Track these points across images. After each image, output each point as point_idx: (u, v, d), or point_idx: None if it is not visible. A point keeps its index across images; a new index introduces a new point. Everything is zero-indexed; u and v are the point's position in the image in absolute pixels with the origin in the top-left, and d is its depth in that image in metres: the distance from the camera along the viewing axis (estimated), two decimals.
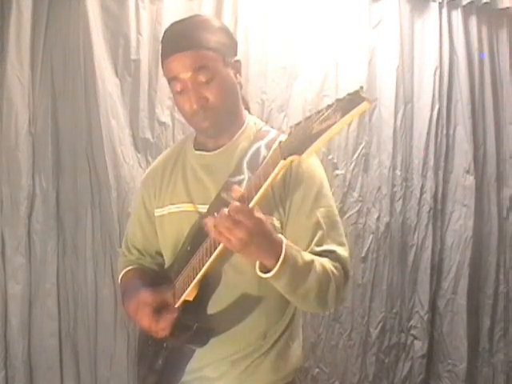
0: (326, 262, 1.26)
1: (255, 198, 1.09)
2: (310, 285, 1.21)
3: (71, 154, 2.26)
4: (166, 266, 1.46)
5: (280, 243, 1.15)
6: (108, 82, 2.25)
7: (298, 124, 1.04)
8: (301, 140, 1.00)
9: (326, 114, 0.96)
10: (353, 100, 0.93)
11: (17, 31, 2.13)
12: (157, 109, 2.32)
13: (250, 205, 1.09)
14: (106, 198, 2.26)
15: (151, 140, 2.33)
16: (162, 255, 1.49)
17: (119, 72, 2.29)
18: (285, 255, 1.14)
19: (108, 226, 2.26)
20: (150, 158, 2.30)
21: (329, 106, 0.97)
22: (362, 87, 0.94)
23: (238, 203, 1.09)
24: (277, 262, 1.14)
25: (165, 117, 2.33)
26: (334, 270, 1.26)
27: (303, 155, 0.99)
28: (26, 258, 2.19)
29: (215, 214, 1.14)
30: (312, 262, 1.21)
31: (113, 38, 2.27)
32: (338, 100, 0.96)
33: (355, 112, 0.92)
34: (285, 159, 1.03)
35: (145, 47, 2.29)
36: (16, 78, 2.14)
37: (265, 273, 1.16)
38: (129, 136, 2.31)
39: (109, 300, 2.27)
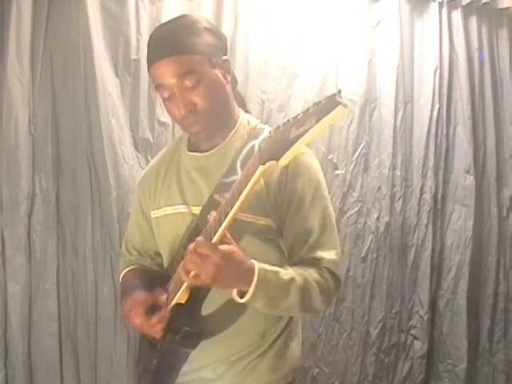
0: (311, 273, 1.26)
1: (230, 214, 1.08)
2: (292, 301, 1.23)
3: (71, 154, 2.26)
4: (164, 267, 1.46)
5: (253, 269, 1.17)
6: (108, 82, 2.25)
7: (277, 128, 1.02)
8: (278, 145, 0.99)
9: (302, 118, 0.95)
10: (328, 104, 0.91)
11: (17, 31, 2.13)
12: (157, 109, 2.32)
13: (227, 219, 1.09)
14: (106, 197, 2.26)
15: (151, 140, 2.33)
16: (161, 255, 1.49)
17: (119, 72, 2.29)
18: (257, 280, 1.16)
19: (108, 226, 2.26)
20: (149, 158, 2.30)
21: (306, 111, 0.95)
22: (339, 91, 0.92)
23: (201, 238, 1.11)
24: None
25: (165, 117, 2.32)
26: (321, 279, 1.27)
27: (280, 161, 0.98)
28: (25, 258, 2.20)
29: (208, 215, 1.16)
30: (291, 280, 1.22)
31: (113, 38, 2.27)
32: (314, 104, 0.94)
33: (330, 117, 0.90)
34: (263, 164, 1.02)
35: (145, 47, 2.27)
36: (16, 78, 2.14)
37: (242, 297, 1.18)
38: (129, 136, 2.31)
39: (109, 300, 2.27)
